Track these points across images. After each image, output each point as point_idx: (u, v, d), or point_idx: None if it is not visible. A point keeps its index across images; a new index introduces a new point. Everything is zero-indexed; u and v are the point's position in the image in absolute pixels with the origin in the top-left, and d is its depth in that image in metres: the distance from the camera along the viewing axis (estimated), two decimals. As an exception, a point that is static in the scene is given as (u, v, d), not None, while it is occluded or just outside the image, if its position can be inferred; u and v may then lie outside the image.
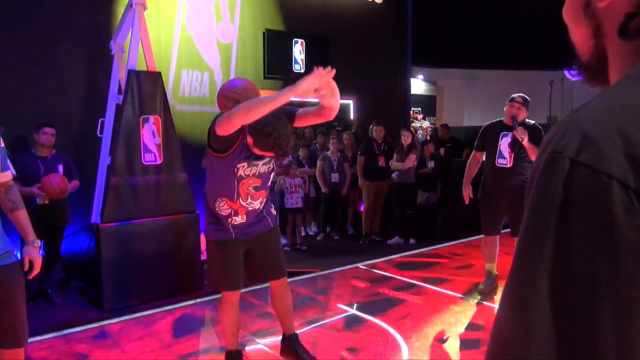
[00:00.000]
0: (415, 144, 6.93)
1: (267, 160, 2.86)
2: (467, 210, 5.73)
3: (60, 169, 4.67)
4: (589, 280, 0.46)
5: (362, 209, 7.23)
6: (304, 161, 7.17)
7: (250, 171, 2.81)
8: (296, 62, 7.75)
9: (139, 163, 4.58)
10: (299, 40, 7.76)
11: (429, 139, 9.40)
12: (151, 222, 4.60)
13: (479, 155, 4.64)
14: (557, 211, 0.48)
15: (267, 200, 3.02)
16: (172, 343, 3.67)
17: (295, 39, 7.72)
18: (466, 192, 4.59)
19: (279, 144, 2.63)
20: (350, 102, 8.46)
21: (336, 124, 8.04)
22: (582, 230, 0.47)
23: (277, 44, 7.52)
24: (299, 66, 7.77)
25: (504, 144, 4.38)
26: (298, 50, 7.77)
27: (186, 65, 6.64)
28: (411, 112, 10.77)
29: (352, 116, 8.55)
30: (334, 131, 7.78)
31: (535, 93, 4.86)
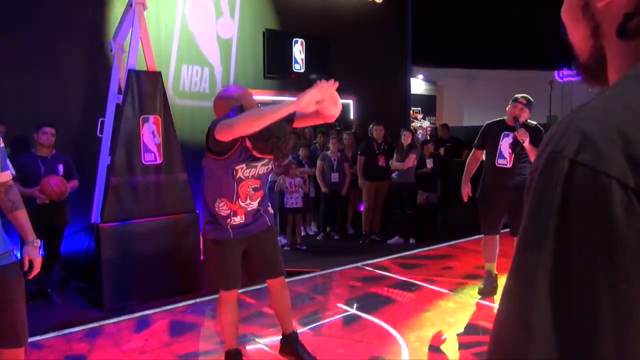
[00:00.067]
0: (415, 144, 6.93)
1: (266, 161, 2.85)
2: (467, 210, 5.73)
3: (60, 168, 4.67)
4: (588, 280, 0.46)
5: (362, 209, 7.23)
6: (304, 161, 7.17)
7: (249, 173, 2.81)
8: (296, 62, 7.74)
9: (139, 163, 4.58)
10: (299, 40, 7.75)
11: (428, 138, 9.39)
12: (151, 222, 4.60)
13: (478, 154, 4.63)
14: (556, 211, 0.48)
15: (264, 198, 3.02)
16: (172, 343, 3.67)
17: (295, 39, 7.71)
18: (465, 190, 4.59)
19: (278, 147, 2.62)
20: (350, 102, 8.45)
21: (336, 124, 8.04)
22: (582, 230, 0.47)
23: (277, 43, 7.52)
24: (299, 66, 7.76)
25: (505, 144, 4.38)
26: (298, 50, 7.76)
27: (186, 61, 6.66)
28: (411, 111, 10.76)
29: (352, 116, 8.55)
30: (334, 131, 7.78)
31: (535, 93, 4.86)
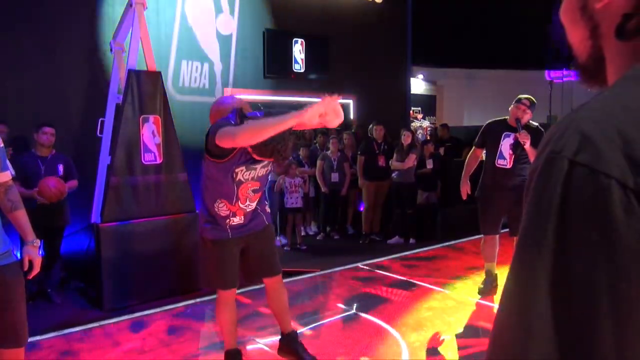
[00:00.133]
0: (415, 144, 6.93)
1: (265, 163, 2.85)
2: (467, 210, 5.73)
3: (60, 168, 4.67)
4: (588, 281, 0.46)
5: (362, 209, 7.23)
6: (304, 161, 7.17)
7: (249, 175, 2.81)
8: (296, 61, 7.74)
9: (138, 163, 4.57)
10: (299, 40, 7.75)
11: (428, 138, 9.38)
12: (151, 222, 4.60)
13: (478, 152, 4.63)
14: (555, 211, 0.48)
15: (261, 198, 3.03)
16: (172, 343, 3.67)
17: (295, 39, 7.71)
18: (464, 188, 4.59)
19: (278, 150, 2.62)
20: (350, 102, 8.45)
21: None
22: (581, 231, 0.47)
23: (277, 43, 7.52)
24: (298, 66, 7.75)
25: (506, 144, 4.37)
26: (298, 49, 7.76)
27: (186, 56, 6.67)
28: (411, 111, 10.76)
29: (352, 116, 8.54)
30: (334, 131, 7.76)
31: (535, 93, 4.85)
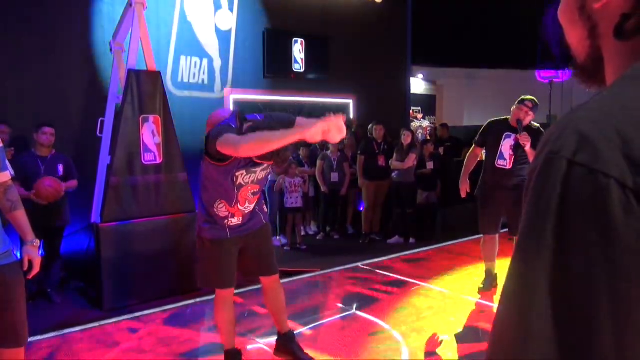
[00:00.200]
0: (415, 144, 6.93)
1: (265, 166, 2.86)
2: (467, 209, 5.73)
3: (60, 168, 4.67)
4: (587, 280, 0.46)
5: (361, 209, 7.23)
6: (304, 161, 7.17)
7: (249, 178, 2.83)
8: (296, 61, 7.73)
9: (138, 163, 4.58)
10: (299, 40, 7.74)
11: (428, 138, 9.38)
12: (151, 221, 4.60)
13: (477, 151, 4.63)
14: (554, 212, 0.48)
15: (259, 198, 3.04)
16: (172, 342, 3.67)
17: (295, 39, 7.70)
18: (463, 187, 4.58)
19: (277, 154, 2.63)
20: (350, 102, 8.45)
21: None
22: (580, 230, 0.47)
23: (276, 43, 7.51)
24: (298, 65, 7.75)
25: (506, 145, 4.36)
26: (298, 49, 7.75)
27: (185, 51, 6.68)
28: (411, 111, 10.75)
29: (352, 116, 8.54)
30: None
31: (535, 93, 4.86)
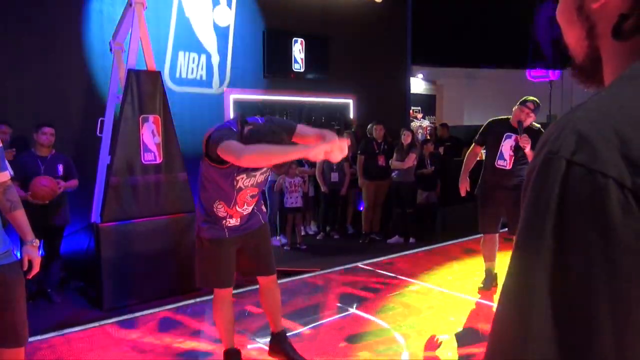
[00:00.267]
0: (415, 143, 6.93)
1: (264, 169, 2.87)
2: (467, 209, 5.73)
3: (60, 168, 4.67)
4: (587, 280, 0.46)
5: (361, 208, 7.23)
6: (304, 160, 7.16)
7: (249, 182, 2.83)
8: (296, 61, 7.73)
9: (138, 162, 4.57)
10: (299, 40, 7.74)
11: (428, 138, 9.38)
12: (151, 221, 4.60)
13: (477, 149, 4.63)
14: (553, 211, 0.48)
15: (258, 199, 3.05)
16: (172, 342, 3.67)
17: (295, 38, 7.70)
18: (463, 186, 4.58)
19: (280, 165, 2.64)
20: (350, 102, 8.45)
21: (334, 124, 8.03)
22: (579, 230, 0.47)
23: (276, 42, 7.51)
24: (298, 65, 7.74)
25: (507, 145, 4.36)
26: (298, 49, 7.75)
27: (183, 47, 6.68)
28: (411, 111, 10.75)
29: (352, 116, 8.54)
30: (334, 131, 7.75)
31: (535, 93, 4.86)
